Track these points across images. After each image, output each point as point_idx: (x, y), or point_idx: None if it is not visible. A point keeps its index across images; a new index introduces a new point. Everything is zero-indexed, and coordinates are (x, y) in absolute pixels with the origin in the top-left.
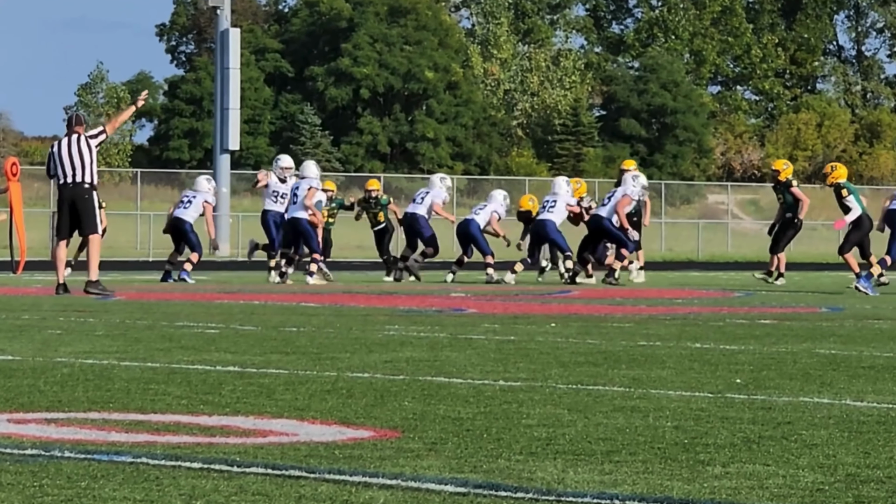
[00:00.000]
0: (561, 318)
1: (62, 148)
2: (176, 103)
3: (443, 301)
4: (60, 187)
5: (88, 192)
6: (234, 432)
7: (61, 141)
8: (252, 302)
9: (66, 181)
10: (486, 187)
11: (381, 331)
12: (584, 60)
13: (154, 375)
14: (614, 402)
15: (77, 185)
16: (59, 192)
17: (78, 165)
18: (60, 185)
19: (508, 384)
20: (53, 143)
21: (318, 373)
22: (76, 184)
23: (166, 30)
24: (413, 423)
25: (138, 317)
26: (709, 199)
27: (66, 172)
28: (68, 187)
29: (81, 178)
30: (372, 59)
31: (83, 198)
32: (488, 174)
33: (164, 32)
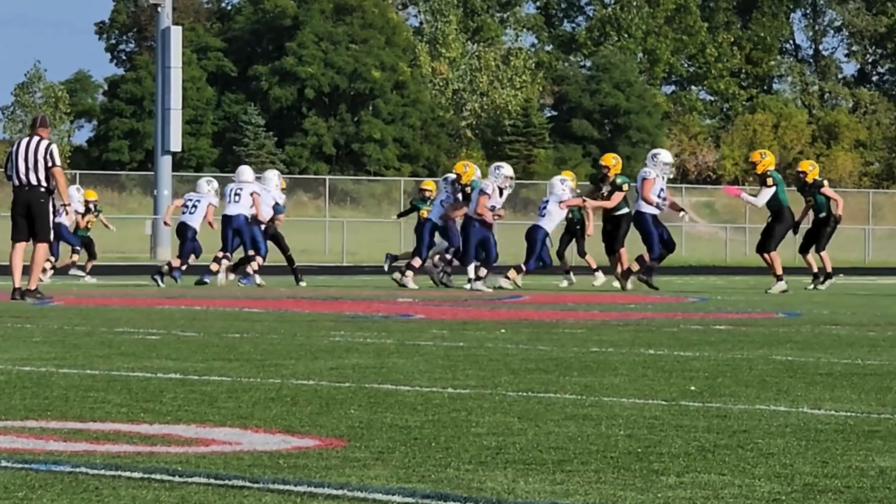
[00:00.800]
0: (511, 324)
1: (20, 149)
2: (116, 103)
3: (390, 306)
4: (15, 189)
5: (45, 197)
6: (176, 441)
7: (21, 141)
8: (194, 307)
9: (21, 183)
10: None
11: (327, 337)
12: (534, 59)
13: (93, 383)
14: (566, 409)
15: (32, 188)
16: (14, 195)
17: (32, 168)
18: (15, 187)
19: (457, 392)
20: (14, 142)
21: (262, 380)
22: (31, 187)
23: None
24: (359, 432)
25: (77, 322)
26: None
27: (20, 175)
28: (23, 190)
29: (37, 181)
30: (317, 58)
31: (38, 202)
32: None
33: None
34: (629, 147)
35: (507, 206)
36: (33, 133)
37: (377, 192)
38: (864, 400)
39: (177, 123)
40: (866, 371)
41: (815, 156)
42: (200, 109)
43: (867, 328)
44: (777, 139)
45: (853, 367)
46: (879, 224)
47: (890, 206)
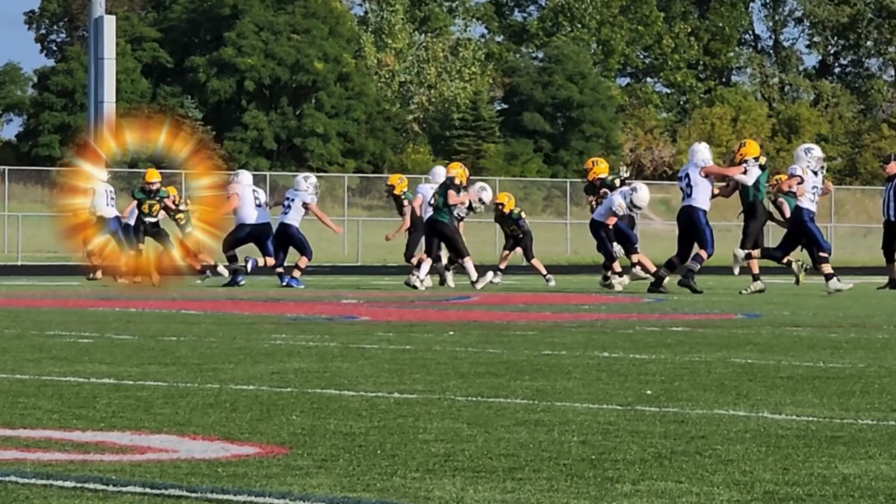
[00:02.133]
0: (460, 326)
1: None
2: (46, 96)
3: (333, 308)
4: None
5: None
6: (110, 449)
7: None
8: (128, 309)
9: None
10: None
11: (268, 340)
12: (484, 51)
13: (23, 388)
14: (517, 415)
15: None
16: None
17: None
18: None
19: (404, 397)
20: None
21: (200, 385)
22: None
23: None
24: (302, 439)
25: (6, 325)
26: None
27: None
28: None
29: None
30: (257, 49)
31: None
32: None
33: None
34: (582, 142)
35: None
36: None
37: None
38: (827, 404)
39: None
40: (828, 374)
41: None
42: (135, 102)
43: (829, 329)
44: (736, 133)
45: (815, 371)
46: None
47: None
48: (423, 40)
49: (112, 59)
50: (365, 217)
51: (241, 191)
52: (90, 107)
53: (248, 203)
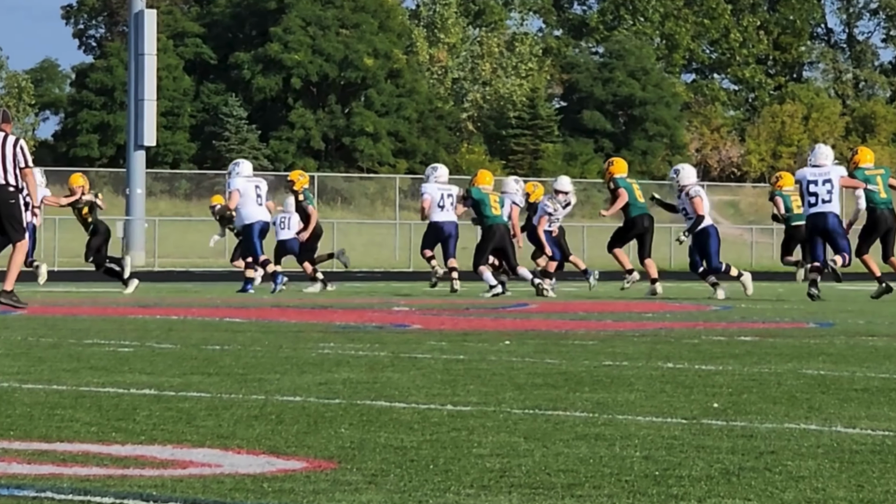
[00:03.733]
0: (516, 335)
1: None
2: (84, 94)
3: (384, 316)
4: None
5: (13, 196)
6: (150, 463)
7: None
8: (170, 317)
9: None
10: None
11: (315, 349)
12: (541, 45)
13: (60, 399)
14: (576, 429)
15: (1, 188)
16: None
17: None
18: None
19: (457, 409)
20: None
21: (245, 396)
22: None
23: (73, 11)
24: (350, 453)
25: (42, 333)
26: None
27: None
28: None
29: (5, 180)
30: (304, 45)
31: (7, 202)
32: None
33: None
34: (645, 141)
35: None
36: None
37: (370, 190)
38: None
39: (151, 116)
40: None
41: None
42: (177, 100)
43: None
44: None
45: (891, 382)
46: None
47: None
48: (478, 35)
49: (153, 56)
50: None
51: (243, 186)
52: (130, 105)
53: (251, 200)
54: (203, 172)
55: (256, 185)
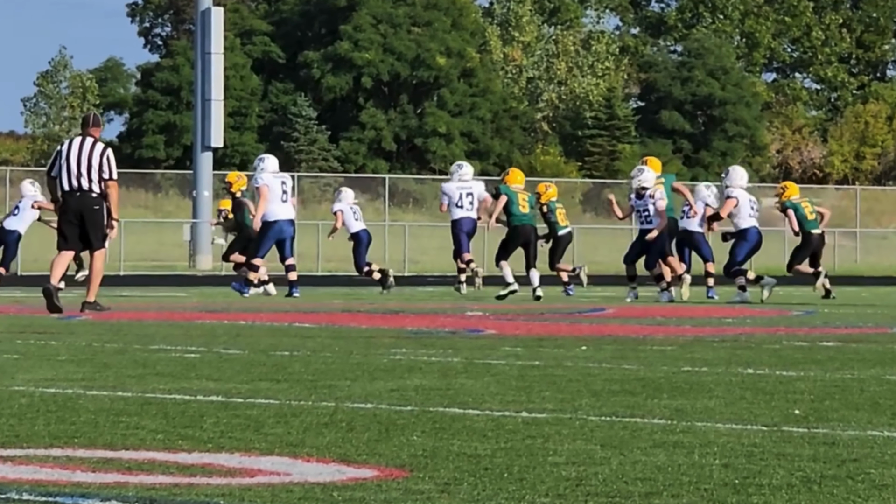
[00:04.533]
0: (593, 340)
1: (71, 150)
2: (150, 94)
3: (457, 321)
4: (65, 195)
5: (97, 203)
6: (218, 471)
7: (72, 141)
8: (238, 322)
9: (73, 188)
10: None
11: (387, 355)
12: (618, 44)
13: (126, 406)
14: (654, 436)
15: (84, 193)
16: (64, 201)
17: (85, 172)
18: (65, 192)
19: (532, 416)
20: (63, 142)
21: (314, 403)
22: (83, 192)
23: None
24: (423, 461)
25: (107, 339)
26: (762, 204)
27: (71, 179)
28: (74, 196)
29: (89, 186)
30: (375, 43)
31: (91, 209)
32: None
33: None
34: (725, 142)
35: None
36: (84, 133)
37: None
38: None
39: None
40: None
41: None
42: (245, 100)
43: None
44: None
45: None
46: None
47: None
48: (553, 33)
49: (220, 54)
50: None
51: (270, 181)
52: (197, 105)
53: (276, 196)
54: None
55: (283, 181)
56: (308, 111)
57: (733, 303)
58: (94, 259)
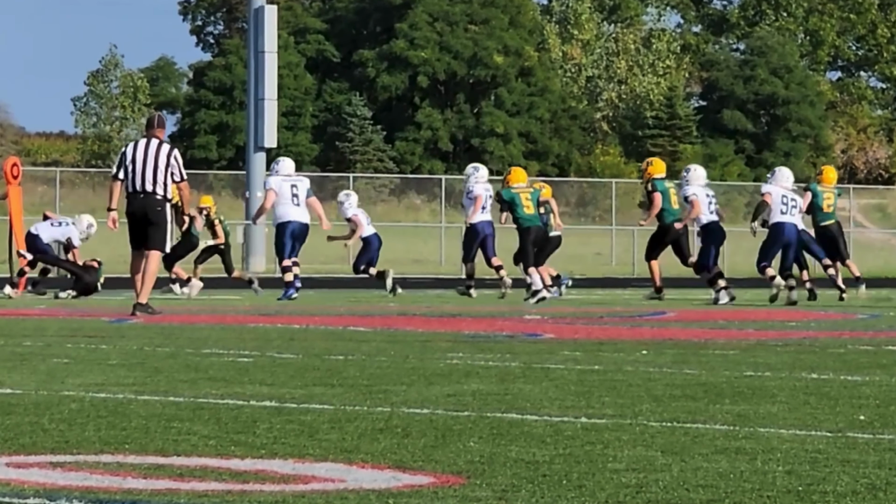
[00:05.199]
0: (653, 345)
1: (136, 152)
2: (202, 93)
3: (515, 324)
4: (129, 196)
5: (161, 204)
6: (271, 478)
7: (137, 143)
8: (292, 326)
9: (136, 190)
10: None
11: (443, 359)
12: (680, 42)
13: (177, 412)
14: (716, 442)
15: (148, 195)
16: (128, 202)
17: (150, 174)
18: (129, 193)
19: (592, 422)
20: (127, 144)
21: (369, 408)
22: (147, 194)
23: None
24: (480, 468)
25: (159, 343)
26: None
27: (136, 181)
28: (138, 197)
29: (153, 188)
30: (431, 42)
31: (155, 210)
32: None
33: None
34: (788, 142)
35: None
36: (149, 135)
37: None
38: None
39: (271, 116)
40: None
41: None
42: (298, 100)
43: None
44: None
45: None
46: None
47: None
48: (613, 31)
49: (274, 53)
50: None
51: (278, 184)
52: (250, 105)
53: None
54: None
55: (293, 184)
56: (363, 111)
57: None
58: (149, 260)
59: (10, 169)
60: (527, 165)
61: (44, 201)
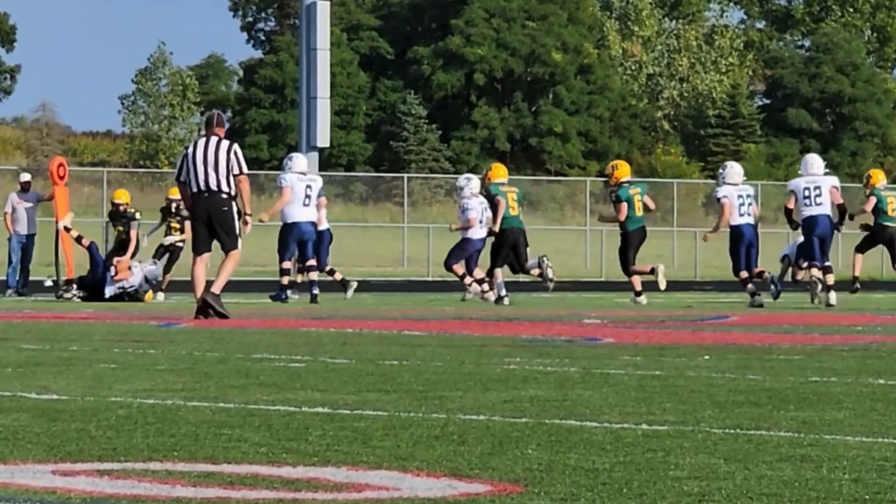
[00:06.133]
0: (716, 349)
1: (197, 151)
2: (253, 91)
3: (574, 328)
4: (194, 196)
5: (226, 203)
6: (324, 486)
7: (197, 143)
8: (345, 330)
9: (200, 189)
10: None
11: (500, 364)
12: (743, 39)
13: (227, 418)
14: (780, 449)
15: (213, 194)
16: (193, 202)
17: (212, 172)
18: (193, 193)
19: (653, 428)
20: (188, 145)
21: (425, 415)
22: (212, 193)
23: (242, 3)
24: (538, 476)
25: (208, 347)
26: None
27: (199, 180)
28: (202, 197)
29: (217, 186)
30: (488, 38)
31: (220, 209)
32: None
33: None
34: (855, 141)
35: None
36: (209, 133)
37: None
38: None
39: (324, 115)
40: None
41: None
42: (351, 98)
43: None
44: None
45: None
46: None
47: None
48: (675, 27)
49: (326, 50)
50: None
51: (295, 183)
52: (301, 103)
53: (297, 199)
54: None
55: (308, 184)
56: (418, 109)
57: None
58: (227, 259)
59: (57, 169)
60: (586, 165)
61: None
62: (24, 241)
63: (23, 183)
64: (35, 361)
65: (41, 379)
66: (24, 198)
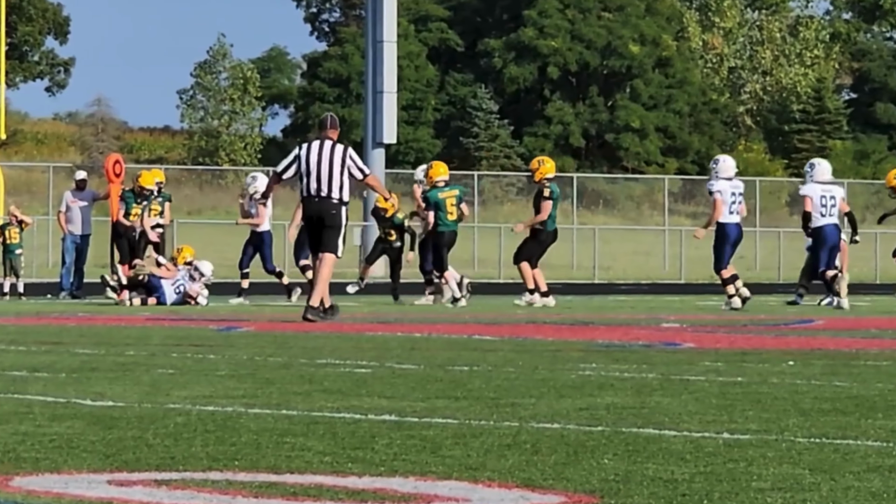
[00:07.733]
0: (801, 355)
1: (311, 154)
2: (317, 85)
3: (652, 333)
4: (304, 199)
5: (336, 209)
6: (391, 497)
7: (310, 145)
8: (413, 334)
9: (311, 194)
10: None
11: (575, 370)
12: (829, 30)
13: (290, 426)
14: (868, 460)
15: (323, 199)
16: (304, 206)
17: (325, 177)
18: (304, 196)
19: (735, 437)
20: (301, 145)
21: (496, 423)
22: (322, 198)
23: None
24: (615, 486)
25: (270, 352)
26: None
27: (310, 184)
28: (313, 201)
29: (328, 191)
30: (562, 30)
31: (330, 213)
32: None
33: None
34: None
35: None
36: (322, 136)
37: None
38: None
39: (391, 110)
40: None
41: None
42: (420, 92)
43: None
44: None
45: None
46: None
47: None
48: (757, 18)
49: (393, 43)
50: (689, 226)
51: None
52: (367, 97)
53: None
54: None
55: None
56: (489, 104)
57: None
58: (322, 262)
59: (113, 166)
60: (665, 163)
61: None
62: (78, 241)
63: (78, 181)
64: (90, 367)
65: (96, 385)
66: (79, 196)
